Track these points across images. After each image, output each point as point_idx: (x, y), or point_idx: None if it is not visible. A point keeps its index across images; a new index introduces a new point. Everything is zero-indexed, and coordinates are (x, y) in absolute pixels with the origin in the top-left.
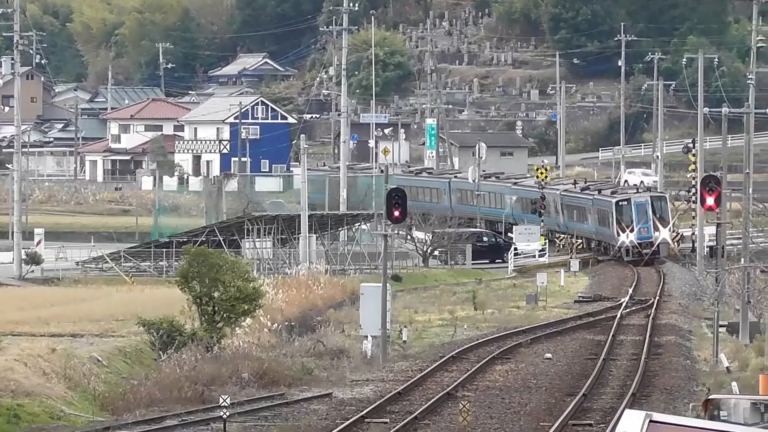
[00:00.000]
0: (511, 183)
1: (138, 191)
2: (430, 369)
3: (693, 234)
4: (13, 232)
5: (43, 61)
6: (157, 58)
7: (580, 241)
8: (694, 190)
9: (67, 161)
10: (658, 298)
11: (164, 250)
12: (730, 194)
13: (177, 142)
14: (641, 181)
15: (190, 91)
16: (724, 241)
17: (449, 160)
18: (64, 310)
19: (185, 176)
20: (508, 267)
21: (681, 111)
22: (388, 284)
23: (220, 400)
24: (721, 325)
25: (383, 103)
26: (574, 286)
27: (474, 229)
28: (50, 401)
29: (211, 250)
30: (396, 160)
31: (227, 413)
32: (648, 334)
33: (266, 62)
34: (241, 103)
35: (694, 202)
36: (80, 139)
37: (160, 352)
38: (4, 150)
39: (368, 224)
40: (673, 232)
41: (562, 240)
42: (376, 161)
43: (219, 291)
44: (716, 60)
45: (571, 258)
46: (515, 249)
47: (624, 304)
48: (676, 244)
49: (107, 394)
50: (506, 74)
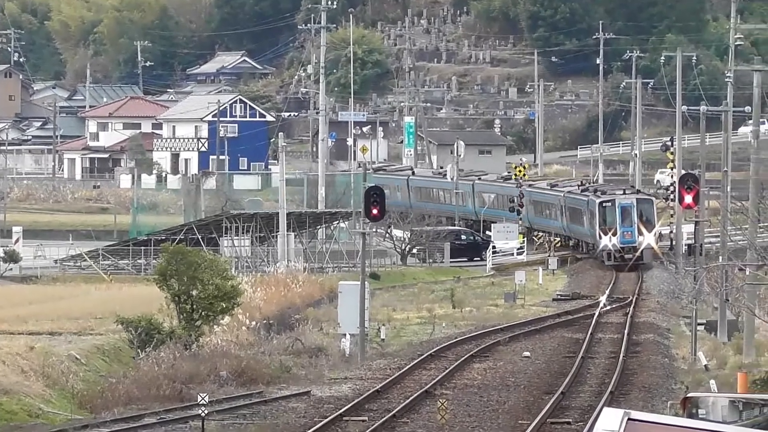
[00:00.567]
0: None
1: (116, 189)
2: (408, 367)
3: (671, 232)
4: None
5: (21, 59)
6: (136, 56)
7: (558, 239)
8: (672, 189)
9: (45, 159)
10: (636, 296)
11: (142, 248)
12: (709, 192)
13: (155, 140)
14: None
15: (169, 89)
16: (702, 239)
17: (427, 159)
18: (43, 308)
19: (163, 174)
20: (486, 265)
21: (659, 109)
22: (366, 282)
23: (199, 399)
24: (700, 323)
25: (361, 101)
26: (552, 284)
27: (452, 227)
28: (28, 399)
29: (189, 249)
30: (374, 159)
31: (206, 411)
32: (626, 332)
33: (244, 60)
34: (219, 101)
35: (673, 201)
36: (58, 137)
37: (139, 350)
38: None
39: (347, 222)
40: (656, 235)
41: (540, 238)
42: (355, 159)
43: (197, 289)
44: (694, 58)
45: (550, 256)
46: (493, 247)
47: (602, 303)
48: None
49: (85, 392)
50: (484, 72)
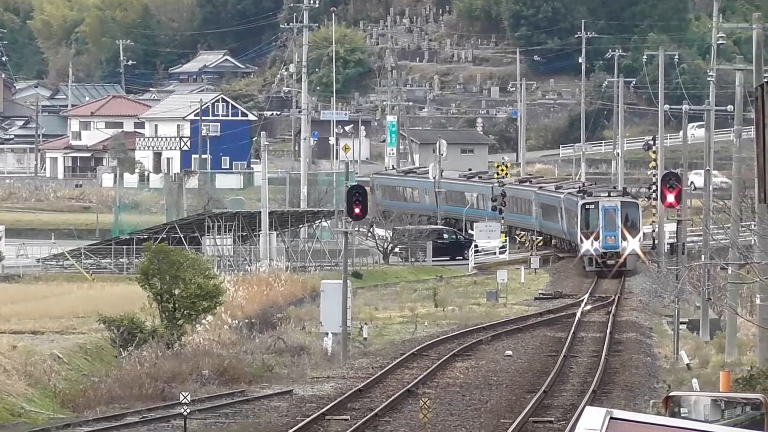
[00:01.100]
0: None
1: (99, 188)
2: (390, 366)
3: (653, 231)
4: None
5: (3, 58)
6: (118, 55)
7: (541, 238)
8: (654, 188)
9: (27, 158)
10: (618, 295)
11: (125, 247)
12: (691, 191)
13: (137, 139)
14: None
15: (151, 88)
16: (684, 238)
17: (410, 158)
18: (25, 307)
19: (146, 173)
20: (468, 264)
21: (641, 108)
22: (348, 281)
23: (181, 397)
24: (682, 322)
25: (344, 101)
26: (534, 283)
27: (435, 226)
28: (11, 398)
29: (171, 248)
30: (356, 157)
31: (188, 410)
32: (608, 331)
33: (227, 59)
34: (201, 100)
35: (655, 200)
36: (41, 137)
37: (121, 349)
38: None
39: (329, 221)
40: (641, 240)
41: (522, 237)
42: (337, 158)
43: (179, 288)
44: (677, 57)
45: (532, 255)
46: (476, 246)
47: (584, 301)
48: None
49: (68, 391)
50: (467, 71)
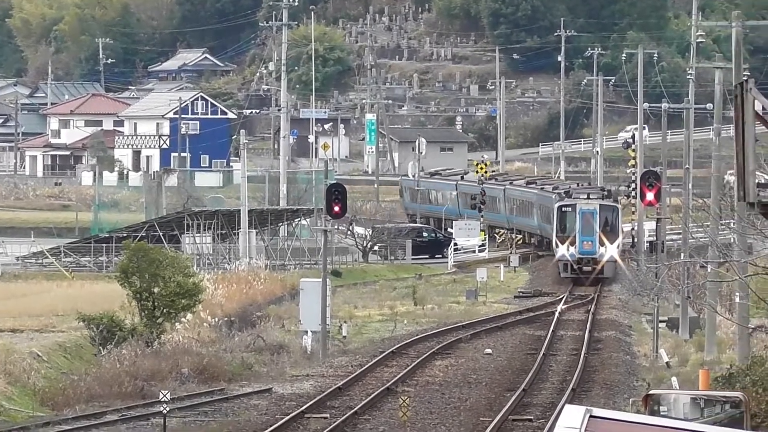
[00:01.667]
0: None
1: (78, 186)
2: (370, 364)
3: (633, 229)
4: None
5: None
6: (97, 54)
7: (521, 236)
8: (633, 186)
9: (6, 156)
10: (597, 293)
11: (104, 245)
12: (670, 189)
13: (117, 138)
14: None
15: (130, 87)
16: (664, 236)
17: (389, 156)
18: (4, 305)
19: (125, 171)
20: (448, 262)
21: (621, 106)
22: (327, 279)
23: (160, 396)
24: (661, 321)
25: (323, 99)
26: (514, 282)
27: (414, 225)
28: None
29: (150, 246)
30: (336, 156)
31: (167, 408)
32: (588, 329)
33: (206, 57)
34: (180, 98)
35: (634, 198)
36: (20, 135)
37: (100, 348)
38: None
39: (308, 219)
40: (619, 247)
41: (502, 235)
42: (316, 157)
43: (159, 286)
44: (656, 55)
45: (511, 253)
46: (455, 244)
47: (564, 300)
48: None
49: (47, 390)
50: (446, 69)
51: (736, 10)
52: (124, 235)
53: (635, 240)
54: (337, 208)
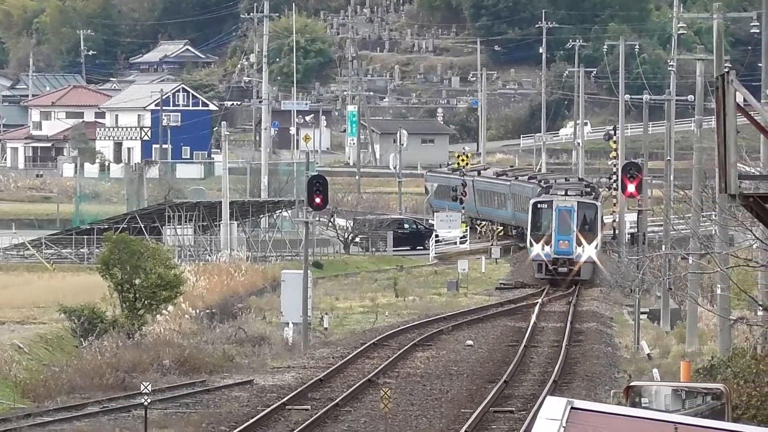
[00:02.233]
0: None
1: (59, 178)
2: (351, 356)
3: (614, 221)
4: None
5: None
6: (79, 45)
7: (501, 228)
8: (615, 177)
9: None
10: (579, 285)
11: (85, 237)
12: (651, 181)
13: (98, 129)
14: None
15: (112, 78)
16: (645, 228)
17: (370, 148)
18: None
19: (106, 163)
20: (429, 254)
21: (602, 98)
22: (309, 271)
23: (142, 387)
24: (642, 312)
25: (304, 90)
26: (495, 273)
27: (395, 216)
28: None
29: (132, 237)
30: (317, 147)
31: (148, 400)
32: (569, 321)
33: (187, 49)
34: (162, 90)
35: (616, 189)
36: (1, 126)
37: (82, 339)
38: None
39: (289, 211)
40: (598, 247)
41: (483, 227)
42: (298, 148)
43: (140, 278)
44: (637, 47)
45: (493, 245)
46: (436, 236)
47: (545, 291)
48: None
49: (28, 381)
50: (427, 61)
51: (717, 2)
52: (106, 226)
53: (616, 232)
54: (318, 200)
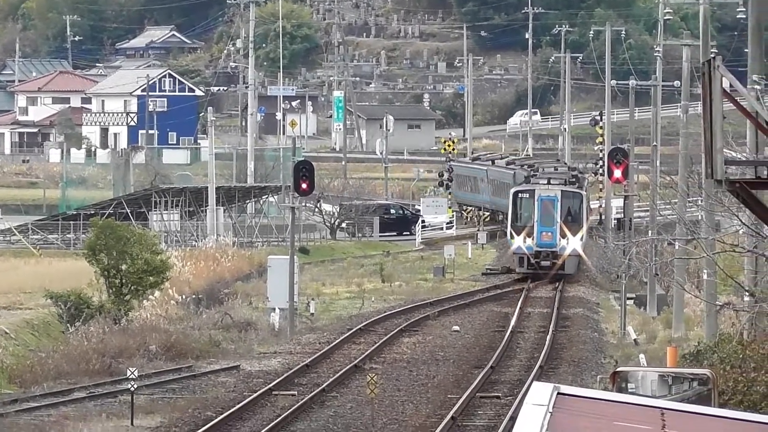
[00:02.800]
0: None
1: (46, 164)
2: (337, 341)
3: (600, 206)
4: None
5: None
6: (65, 31)
7: (488, 214)
8: (601, 163)
9: None
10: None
11: (72, 222)
12: (638, 167)
13: (84, 115)
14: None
15: (98, 64)
16: (631, 213)
17: (356, 133)
18: None
19: (93, 149)
20: (415, 239)
21: (588, 83)
22: (295, 257)
23: (128, 373)
24: (629, 298)
25: (290, 76)
26: (481, 259)
27: (381, 201)
28: None
29: (118, 223)
30: (303, 133)
31: (135, 385)
32: (556, 306)
33: (173, 35)
34: (148, 75)
35: (602, 175)
36: None
37: (68, 325)
38: None
39: (276, 197)
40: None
41: (469, 213)
42: (284, 134)
43: (126, 263)
44: (623, 32)
45: (479, 230)
46: (422, 221)
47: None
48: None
49: (15, 367)
50: (413, 47)
51: None
52: (92, 212)
53: (603, 217)
54: (304, 186)
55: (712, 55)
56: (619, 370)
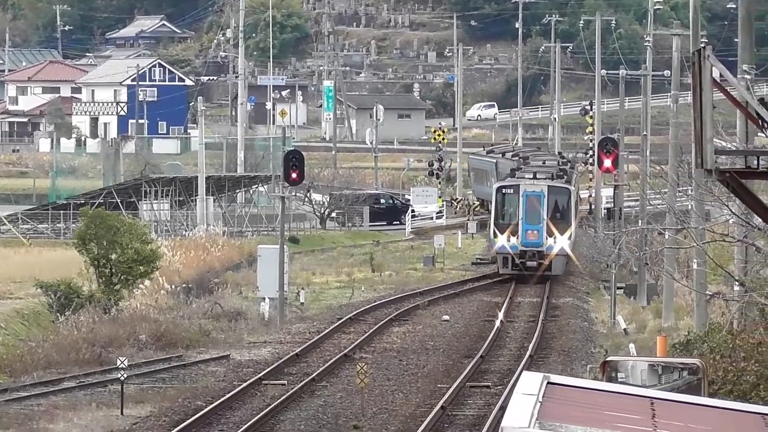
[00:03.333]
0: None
1: (35, 153)
2: (327, 331)
3: (590, 196)
4: None
5: None
6: (55, 20)
7: (478, 204)
8: (591, 153)
9: None
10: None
11: (62, 212)
12: (628, 156)
13: (74, 105)
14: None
15: (88, 54)
16: (621, 203)
17: (346, 123)
18: None
19: (83, 138)
20: (405, 229)
21: (578, 73)
22: (285, 246)
23: (118, 362)
24: (619, 287)
25: (280, 66)
26: (471, 248)
27: (371, 191)
28: None
29: (108, 213)
30: (293, 122)
31: (125, 375)
32: (545, 296)
33: (164, 24)
34: (138, 65)
35: (592, 164)
36: None
37: (58, 314)
38: None
39: (266, 186)
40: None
41: (459, 202)
42: (274, 123)
43: (116, 253)
44: (614, 22)
45: (469, 220)
46: (413, 211)
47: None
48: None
49: (5, 356)
50: (404, 36)
51: None
52: (82, 201)
53: (593, 207)
54: (294, 175)
55: (702, 45)
56: (608, 359)
